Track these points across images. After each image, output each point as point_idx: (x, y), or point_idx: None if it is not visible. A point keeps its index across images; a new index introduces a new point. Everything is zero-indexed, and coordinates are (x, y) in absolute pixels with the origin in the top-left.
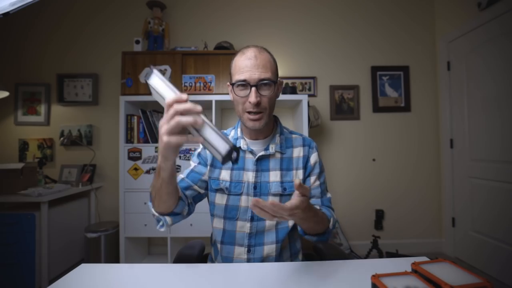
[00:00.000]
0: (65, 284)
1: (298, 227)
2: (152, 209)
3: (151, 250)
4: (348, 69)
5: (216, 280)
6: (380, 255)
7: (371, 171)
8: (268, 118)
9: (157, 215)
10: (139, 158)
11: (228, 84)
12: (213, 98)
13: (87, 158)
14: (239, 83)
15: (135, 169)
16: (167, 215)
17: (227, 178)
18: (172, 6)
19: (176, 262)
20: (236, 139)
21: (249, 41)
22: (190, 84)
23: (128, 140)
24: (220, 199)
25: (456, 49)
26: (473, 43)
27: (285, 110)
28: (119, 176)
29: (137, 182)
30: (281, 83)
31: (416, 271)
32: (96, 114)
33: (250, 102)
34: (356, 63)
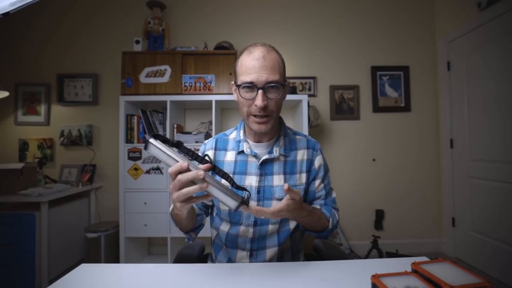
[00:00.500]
0: (65, 284)
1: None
2: (176, 228)
3: (151, 250)
4: (348, 69)
5: (216, 280)
6: (380, 255)
7: (371, 171)
8: (274, 121)
9: (182, 233)
10: (139, 158)
11: (232, 83)
12: (213, 98)
13: (87, 158)
14: (245, 85)
15: (135, 169)
16: (191, 231)
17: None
18: (172, 6)
19: (176, 262)
20: (238, 141)
21: (249, 41)
22: (190, 84)
23: (128, 140)
24: (223, 204)
25: (456, 49)
26: (473, 43)
27: (285, 110)
28: (119, 176)
29: (137, 182)
30: (288, 84)
31: (416, 271)
32: (96, 114)
33: (256, 106)
34: (356, 63)
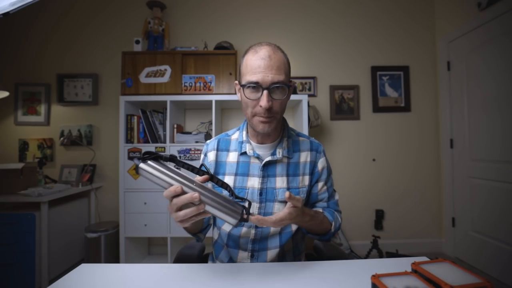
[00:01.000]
0: (65, 284)
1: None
2: (185, 230)
3: (151, 250)
4: (348, 69)
5: (217, 280)
6: (380, 255)
7: (371, 171)
8: (278, 122)
9: (190, 235)
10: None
11: (236, 83)
12: (213, 98)
13: (87, 158)
14: (250, 84)
15: (135, 169)
16: (199, 233)
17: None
18: (172, 6)
19: (176, 262)
20: (241, 142)
21: (249, 41)
22: (190, 84)
23: (128, 140)
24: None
25: (456, 49)
26: (473, 43)
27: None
28: (119, 176)
29: (137, 182)
30: (293, 84)
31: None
32: (96, 114)
33: (261, 106)
34: (356, 63)
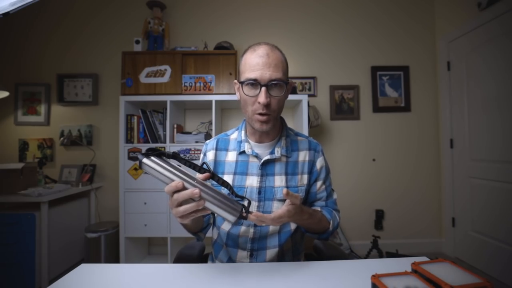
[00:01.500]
0: (65, 284)
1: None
2: (186, 229)
3: (151, 250)
4: (348, 69)
5: (216, 280)
6: (380, 255)
7: (371, 171)
8: (275, 120)
9: (191, 234)
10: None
11: (235, 82)
12: (213, 98)
13: (87, 158)
14: (249, 81)
15: (135, 169)
16: (199, 232)
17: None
18: (172, 6)
19: (176, 262)
20: (240, 142)
21: (248, 41)
22: (190, 84)
23: (128, 140)
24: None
25: (456, 49)
26: (473, 43)
27: (285, 110)
28: (119, 176)
29: (137, 182)
30: (291, 84)
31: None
32: (96, 114)
33: (259, 103)
34: (356, 63)
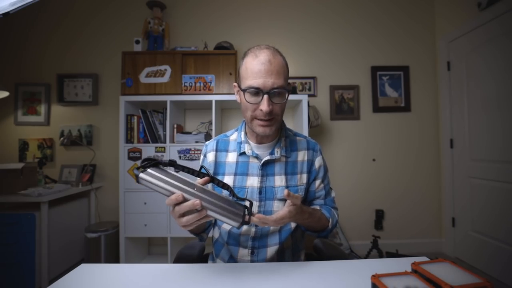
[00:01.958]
0: (65, 284)
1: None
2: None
3: (151, 250)
4: (348, 69)
5: (217, 280)
6: (380, 255)
7: (371, 171)
8: (277, 124)
9: (193, 235)
10: (139, 158)
11: (234, 85)
12: (213, 98)
13: (87, 158)
14: (251, 90)
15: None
16: (202, 232)
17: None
18: (172, 6)
19: (176, 262)
20: (240, 143)
21: (249, 40)
22: (190, 84)
23: (128, 140)
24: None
25: (456, 49)
26: (473, 43)
27: (285, 110)
28: (119, 176)
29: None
30: (292, 85)
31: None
32: (96, 114)
33: (262, 110)
34: (356, 63)
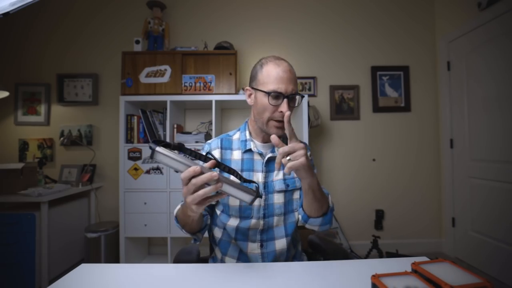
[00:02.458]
0: (65, 284)
1: (301, 214)
2: (182, 230)
3: (151, 250)
4: (348, 69)
5: (216, 280)
6: (380, 255)
7: (371, 171)
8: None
9: (189, 235)
10: (139, 158)
11: (247, 88)
12: (213, 98)
13: (87, 158)
14: (275, 93)
15: (135, 169)
16: (198, 232)
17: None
18: (172, 6)
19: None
20: (245, 141)
21: (248, 41)
22: (190, 84)
23: (128, 140)
24: (233, 200)
25: (456, 49)
26: (473, 43)
27: None
28: (119, 176)
29: (137, 182)
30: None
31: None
32: (96, 114)
33: (281, 112)
34: (356, 63)
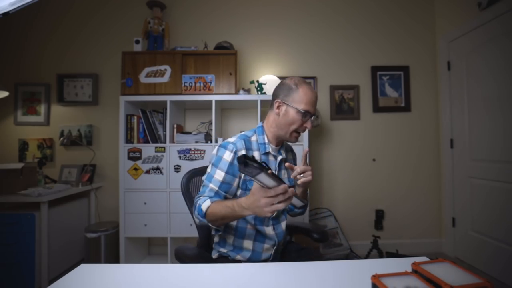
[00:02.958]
0: (65, 284)
1: (290, 206)
2: (209, 224)
3: (151, 250)
4: (348, 68)
5: (217, 280)
6: (380, 255)
7: (371, 171)
8: None
9: (214, 227)
10: (139, 158)
11: (279, 101)
12: (213, 98)
13: (87, 158)
14: (306, 112)
15: (135, 169)
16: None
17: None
18: (172, 6)
19: (178, 257)
20: (263, 144)
21: (249, 40)
22: (190, 84)
23: (128, 140)
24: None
25: (457, 48)
26: (473, 43)
27: None
28: (119, 176)
29: (137, 182)
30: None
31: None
32: (96, 114)
33: (307, 127)
34: (356, 63)
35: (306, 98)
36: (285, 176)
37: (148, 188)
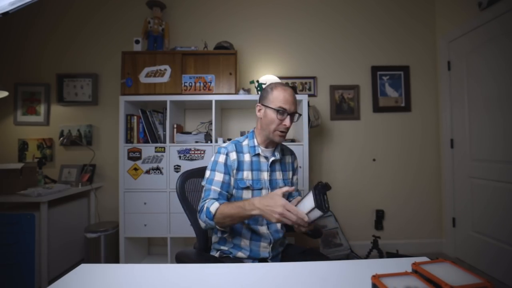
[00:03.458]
0: (65, 284)
1: None
2: (216, 226)
3: (151, 250)
4: (348, 68)
5: (217, 280)
6: (381, 255)
7: (371, 171)
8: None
9: (218, 227)
10: (139, 158)
11: (259, 105)
12: (213, 98)
13: (87, 158)
14: (282, 110)
15: (135, 169)
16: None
17: (250, 177)
18: (172, 6)
19: (179, 257)
20: (253, 146)
21: (248, 40)
22: (190, 84)
23: (128, 140)
24: (246, 194)
25: (457, 48)
26: (473, 43)
27: None
28: (119, 176)
29: (137, 182)
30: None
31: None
32: (96, 114)
33: (285, 125)
34: (357, 63)
35: (279, 97)
36: (279, 177)
37: (148, 188)
